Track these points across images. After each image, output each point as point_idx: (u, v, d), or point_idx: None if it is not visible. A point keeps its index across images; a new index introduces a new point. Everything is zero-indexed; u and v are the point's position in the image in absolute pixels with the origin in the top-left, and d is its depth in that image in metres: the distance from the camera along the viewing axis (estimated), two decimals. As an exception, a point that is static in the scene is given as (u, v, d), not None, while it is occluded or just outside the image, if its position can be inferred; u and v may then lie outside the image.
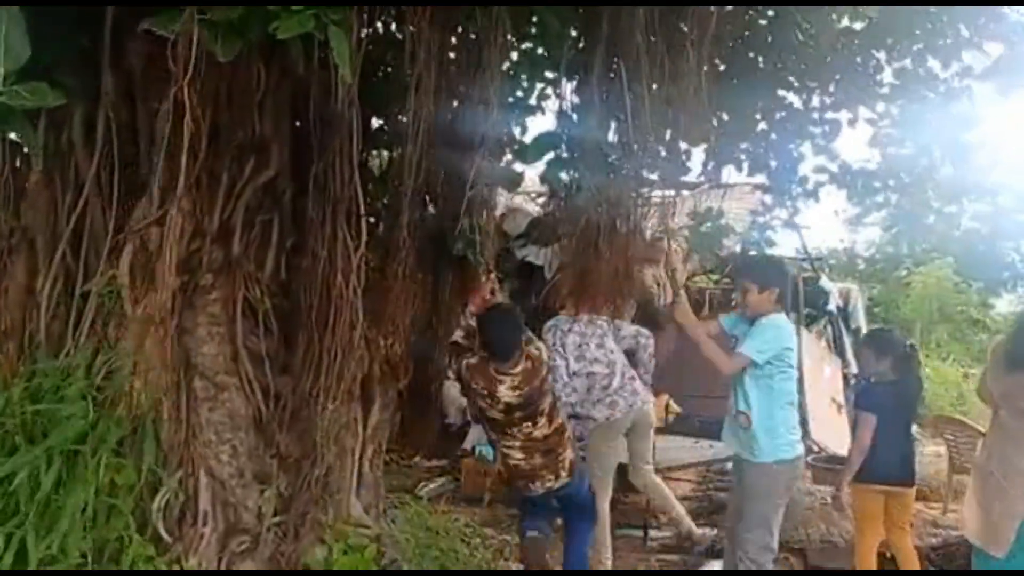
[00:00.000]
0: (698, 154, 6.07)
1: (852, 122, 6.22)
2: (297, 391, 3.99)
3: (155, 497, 3.59)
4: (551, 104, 5.53)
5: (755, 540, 4.07)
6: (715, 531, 5.76)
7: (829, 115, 6.12)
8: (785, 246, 11.43)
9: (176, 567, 3.47)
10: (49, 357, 3.65)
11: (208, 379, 3.82)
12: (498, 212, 7.41)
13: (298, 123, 4.26)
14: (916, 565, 4.56)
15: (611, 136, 5.27)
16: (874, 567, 4.52)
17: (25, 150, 4.07)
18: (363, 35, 3.84)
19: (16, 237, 3.87)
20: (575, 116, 5.39)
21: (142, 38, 3.46)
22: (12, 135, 4.03)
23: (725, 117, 6.04)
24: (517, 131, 6.12)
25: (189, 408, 3.80)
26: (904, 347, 4.77)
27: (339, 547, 3.77)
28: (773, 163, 6.30)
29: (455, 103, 5.17)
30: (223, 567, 3.60)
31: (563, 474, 4.02)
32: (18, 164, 4.04)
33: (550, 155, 5.52)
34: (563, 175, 5.45)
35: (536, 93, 5.93)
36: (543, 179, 5.55)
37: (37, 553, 3.20)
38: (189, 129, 3.35)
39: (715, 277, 11.22)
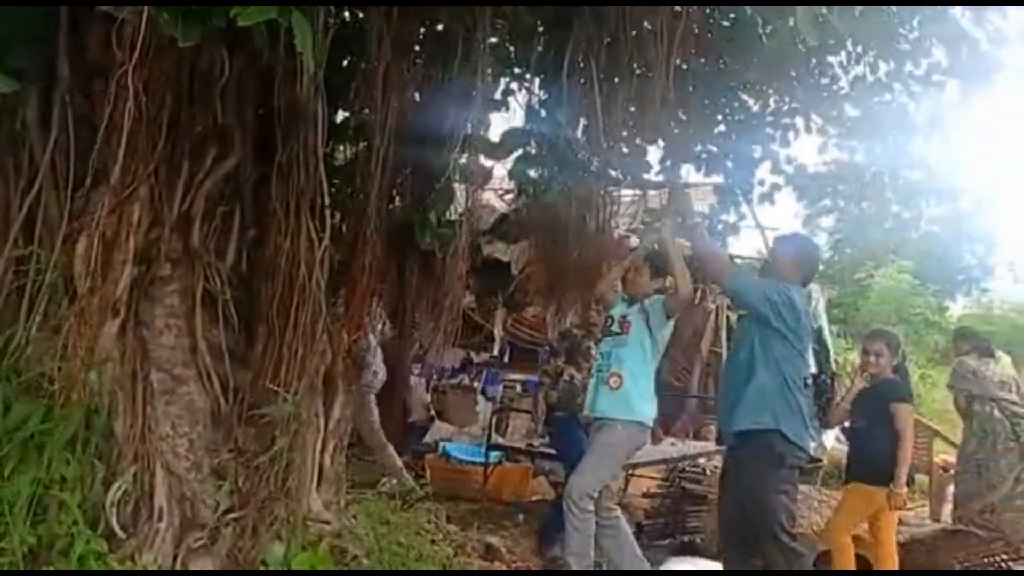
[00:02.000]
0: (656, 153, 6.09)
1: (808, 128, 6.28)
2: (257, 385, 3.92)
3: (108, 492, 3.50)
4: (520, 99, 5.50)
5: (584, 485, 4.46)
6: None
7: (786, 120, 6.17)
8: (745, 246, 11.56)
9: (129, 564, 3.38)
10: (-1, 346, 3.54)
11: (166, 372, 3.74)
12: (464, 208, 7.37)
13: (262, 112, 4.18)
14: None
15: (579, 134, 5.27)
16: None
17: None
18: (328, 24, 3.78)
19: (-32, 223, 3.75)
20: (543, 112, 5.38)
21: (99, 21, 3.38)
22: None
23: (683, 116, 6.06)
24: (484, 127, 6.09)
25: (145, 401, 3.71)
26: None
27: (297, 543, 3.71)
28: (730, 164, 6.34)
29: (422, 97, 5.13)
30: (179, 563, 3.52)
31: None
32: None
33: (518, 152, 5.51)
34: (531, 172, 5.44)
35: (501, 88, 5.89)
36: (511, 175, 5.52)
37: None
38: (131, 115, 3.28)
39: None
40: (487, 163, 6.00)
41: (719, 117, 6.06)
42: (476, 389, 9.17)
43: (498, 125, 5.64)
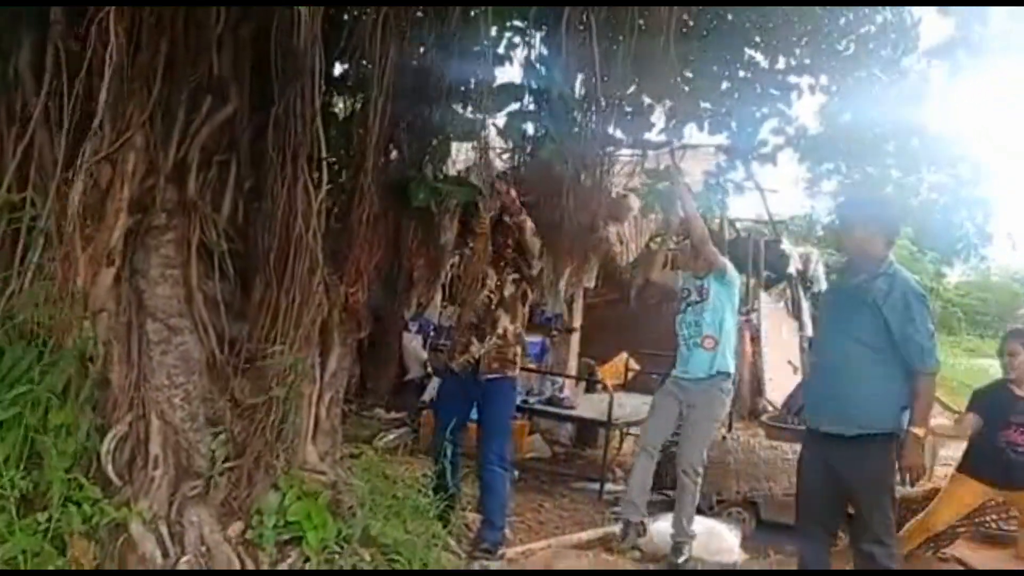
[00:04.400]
0: (661, 112, 6.01)
1: (812, 88, 6.19)
2: (253, 336, 3.91)
3: (104, 440, 3.50)
4: (519, 54, 5.43)
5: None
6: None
7: (792, 78, 6.07)
8: (745, 209, 11.51)
9: (124, 510, 3.40)
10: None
11: (161, 322, 3.72)
12: (462, 164, 7.32)
13: (259, 62, 4.12)
14: None
15: (578, 90, 5.21)
16: None
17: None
18: (326, -29, 3.72)
19: (-42, 169, 3.72)
20: (542, 68, 5.31)
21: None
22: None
23: (689, 74, 5.98)
24: (483, 82, 6.02)
25: (141, 351, 3.70)
26: None
27: (293, 493, 3.73)
28: (734, 124, 6.25)
29: (421, 50, 5.07)
30: (174, 511, 3.53)
31: None
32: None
33: (513, 106, 5.45)
34: (528, 128, 5.38)
35: (504, 43, 5.82)
36: (504, 131, 5.46)
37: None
38: (117, 60, 3.25)
39: (675, 239, 11.27)
40: (480, 118, 5.95)
41: (726, 74, 5.96)
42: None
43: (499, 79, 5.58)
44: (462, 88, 5.91)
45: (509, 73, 5.60)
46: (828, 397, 3.81)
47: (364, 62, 4.93)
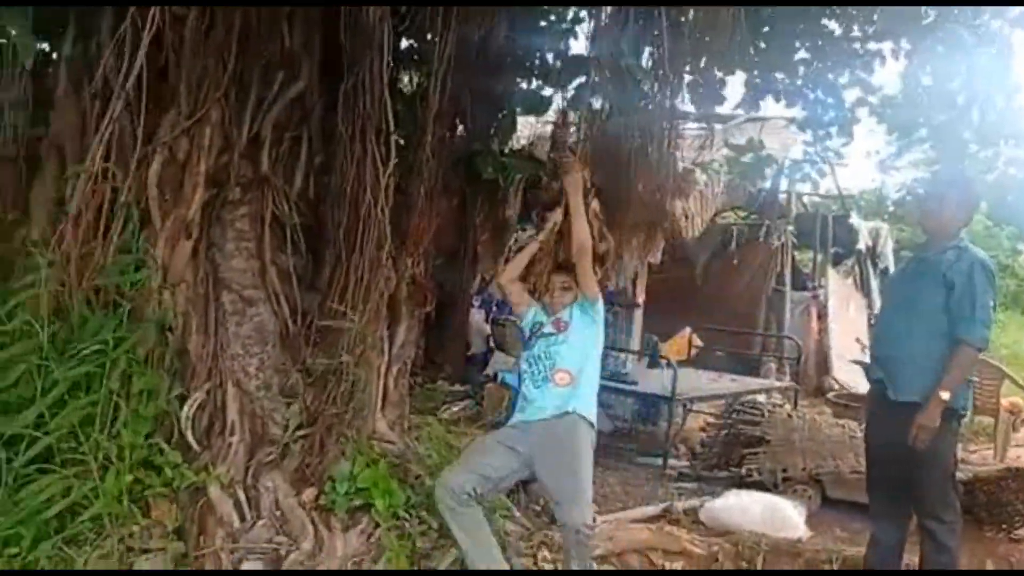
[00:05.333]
0: (733, 85, 5.92)
1: (895, 53, 6.00)
2: (324, 307, 4.00)
3: (183, 406, 3.63)
4: (585, 27, 5.40)
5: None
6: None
7: (871, 45, 5.89)
8: (812, 183, 11.27)
9: (203, 475, 3.52)
10: (78, 267, 3.66)
11: (236, 293, 3.84)
12: (527, 139, 7.33)
13: (328, 38, 4.18)
14: None
15: (645, 62, 5.16)
16: None
17: (55, 59, 4.06)
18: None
19: (45, 146, 3.86)
20: (608, 41, 5.27)
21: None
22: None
23: (763, 45, 5.86)
24: (550, 56, 6.02)
25: (217, 321, 3.82)
26: None
27: (362, 461, 3.81)
28: (811, 95, 6.09)
29: (487, 25, 5.08)
30: (250, 476, 3.65)
31: None
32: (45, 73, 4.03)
33: (580, 80, 5.43)
34: (594, 101, 5.35)
35: (571, 16, 5.79)
36: (571, 104, 5.45)
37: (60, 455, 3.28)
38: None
39: (743, 213, 11.14)
40: (549, 92, 5.95)
41: (799, 45, 5.82)
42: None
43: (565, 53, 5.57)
44: (527, 63, 5.93)
45: (575, 47, 5.59)
46: (892, 365, 3.76)
47: (430, 37, 4.97)
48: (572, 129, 5.43)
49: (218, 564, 3.30)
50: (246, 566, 3.33)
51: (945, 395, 3.52)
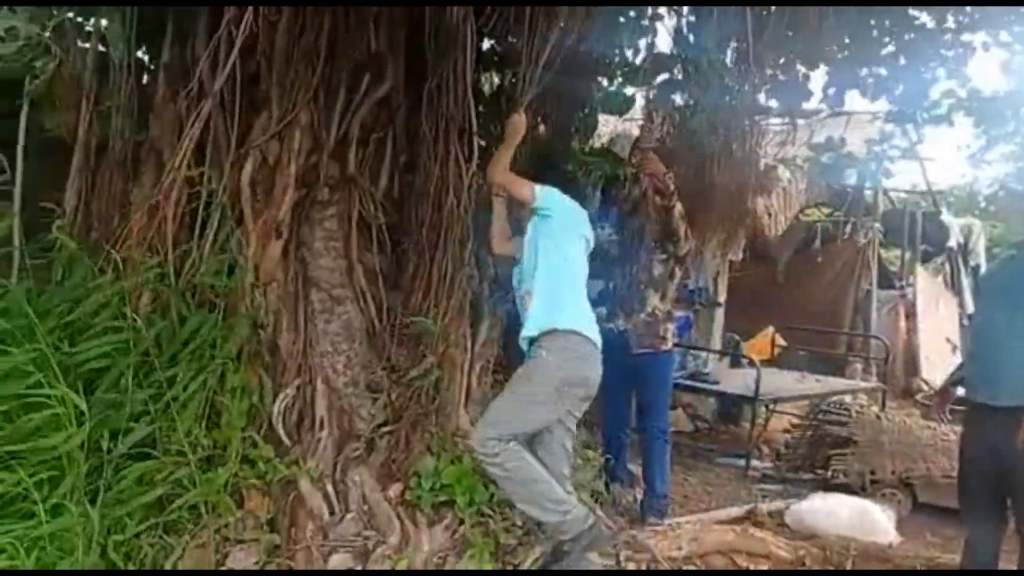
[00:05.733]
0: (817, 80, 5.78)
1: (987, 46, 5.78)
2: (408, 306, 4.07)
3: (275, 402, 3.73)
4: (667, 24, 5.35)
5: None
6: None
7: (965, 36, 5.67)
8: (901, 179, 10.96)
9: (295, 468, 3.61)
10: (174, 266, 3.79)
11: (325, 292, 3.93)
12: (607, 137, 7.31)
13: (413, 40, 4.24)
14: None
15: (728, 58, 5.10)
16: None
17: (153, 66, 4.22)
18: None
19: (144, 150, 4.01)
20: (691, 37, 5.23)
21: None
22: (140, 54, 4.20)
23: (847, 39, 5.71)
24: (629, 53, 5.98)
25: (307, 319, 3.92)
26: None
27: (447, 457, 3.85)
28: (899, 89, 5.90)
29: (568, 23, 5.07)
30: (339, 471, 3.73)
31: None
32: (145, 80, 4.19)
33: (663, 77, 5.39)
34: (676, 98, 5.31)
35: (650, 13, 5.74)
36: (654, 102, 5.41)
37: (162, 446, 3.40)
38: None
39: (827, 210, 10.88)
40: (631, 91, 5.91)
41: (887, 39, 5.64)
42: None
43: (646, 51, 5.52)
44: (607, 61, 5.90)
45: (657, 44, 5.55)
46: (993, 368, 3.60)
47: (511, 39, 5.00)
48: (655, 125, 5.40)
49: (309, 557, 3.38)
50: (335, 559, 3.40)
51: None
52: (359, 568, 3.40)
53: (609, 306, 5.01)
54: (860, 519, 4.67)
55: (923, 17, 5.65)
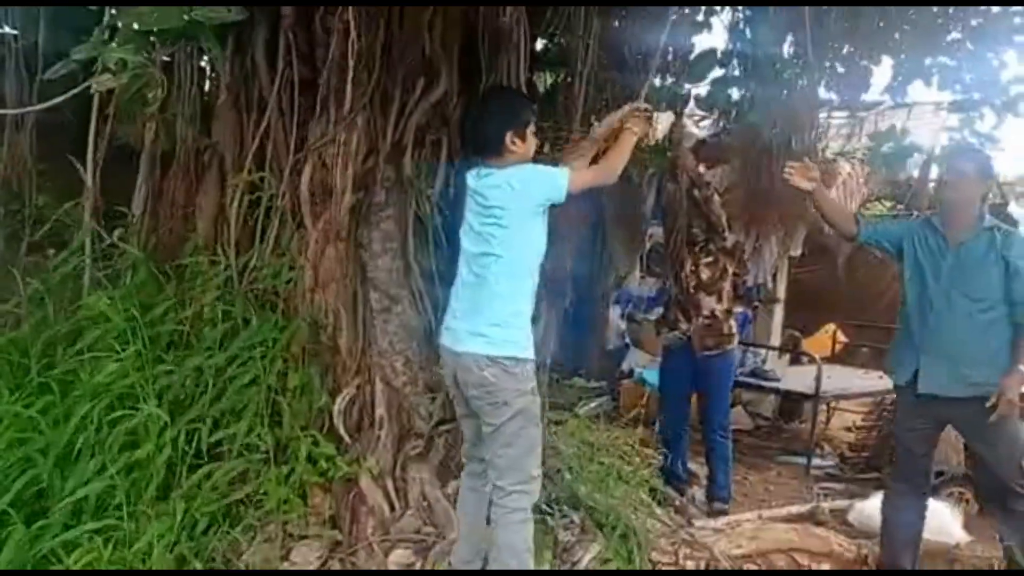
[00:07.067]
0: (880, 72, 5.66)
1: (1057, 27, 5.58)
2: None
3: (335, 401, 3.80)
4: (723, 18, 5.30)
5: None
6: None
7: (1037, 17, 5.47)
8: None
9: (355, 466, 3.67)
10: (237, 269, 3.90)
11: (382, 292, 3.99)
12: (662, 134, 7.26)
13: (467, 42, 4.27)
14: None
15: (786, 52, 5.03)
16: None
17: (214, 74, 4.33)
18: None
19: (208, 155, 4.12)
20: (748, 30, 5.17)
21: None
22: (202, 63, 4.31)
23: (907, 27, 5.58)
24: (682, 50, 5.93)
25: (365, 319, 3.98)
26: None
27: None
28: (967, 77, 5.73)
29: (622, 20, 5.07)
30: (398, 469, 3.79)
31: None
32: (207, 87, 4.30)
33: (716, 73, 5.34)
34: (733, 92, 5.25)
35: (703, 8, 5.69)
36: (708, 98, 5.36)
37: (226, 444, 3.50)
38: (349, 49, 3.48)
39: (888, 204, 10.64)
40: (686, 87, 5.87)
41: (950, 26, 5.50)
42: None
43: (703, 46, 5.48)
44: (662, 57, 5.86)
45: (709, 39, 5.50)
46: (948, 357, 3.62)
47: (562, 40, 5.01)
48: (707, 122, 5.36)
49: (370, 552, 3.44)
50: (395, 555, 3.46)
51: None
52: (418, 566, 3.45)
53: (670, 311, 5.08)
54: (928, 518, 4.58)
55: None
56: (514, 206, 2.98)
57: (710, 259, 4.95)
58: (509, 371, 2.96)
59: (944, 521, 4.53)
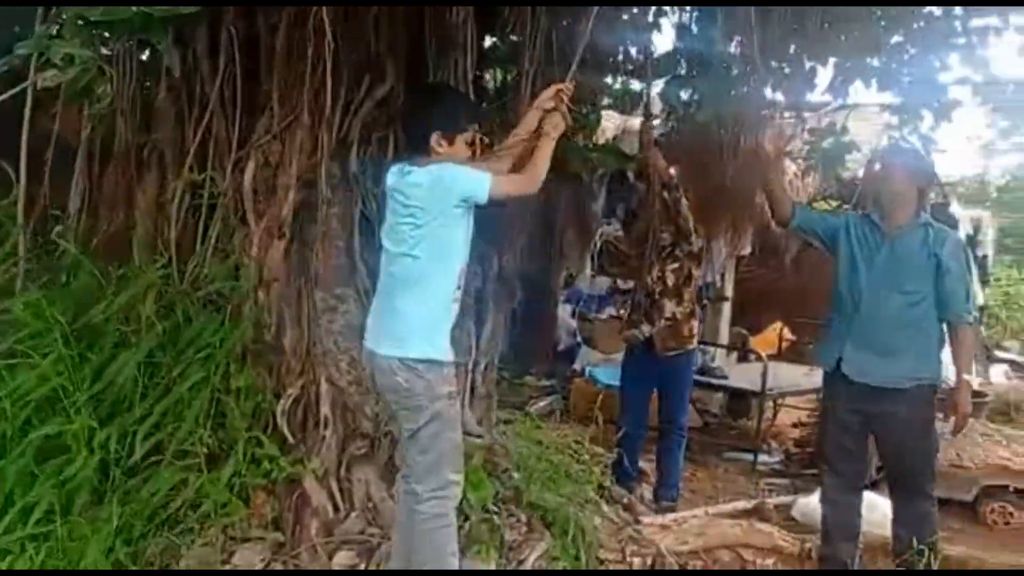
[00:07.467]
0: (824, 72, 5.74)
1: (999, 31, 5.70)
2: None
3: (279, 401, 3.74)
4: (672, 18, 5.33)
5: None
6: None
7: (974, 22, 5.60)
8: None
9: (299, 467, 3.62)
10: (178, 267, 3.82)
11: (327, 291, 3.93)
12: (612, 133, 7.30)
13: (414, 39, 4.24)
14: None
15: (734, 51, 5.07)
16: None
17: (155, 65, 4.23)
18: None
19: (147, 151, 4.03)
20: (696, 30, 5.20)
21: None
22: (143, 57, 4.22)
23: (856, 32, 5.67)
24: (634, 49, 5.96)
25: (310, 318, 3.92)
26: None
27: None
28: (907, 79, 5.84)
29: (571, 20, 5.06)
30: (343, 469, 3.74)
31: None
32: (147, 81, 4.21)
33: (668, 74, 5.37)
34: (682, 93, 5.29)
35: (653, 10, 5.72)
36: (661, 98, 5.39)
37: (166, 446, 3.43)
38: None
39: (834, 203, 10.83)
40: (637, 87, 5.90)
41: (893, 27, 5.59)
42: (622, 317, 9.17)
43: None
44: (610, 58, 5.89)
45: (659, 39, 5.53)
46: (876, 350, 3.73)
47: (514, 37, 4.99)
48: (658, 122, 5.38)
49: (313, 555, 3.40)
50: (339, 557, 3.42)
51: (969, 378, 3.65)
52: (362, 567, 3.41)
53: (634, 313, 5.12)
54: (867, 512, 4.65)
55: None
56: (432, 207, 2.93)
57: (676, 265, 5.01)
58: (422, 375, 2.94)
59: (885, 515, 4.61)
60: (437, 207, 2.93)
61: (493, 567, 3.46)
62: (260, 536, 3.44)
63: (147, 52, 4.25)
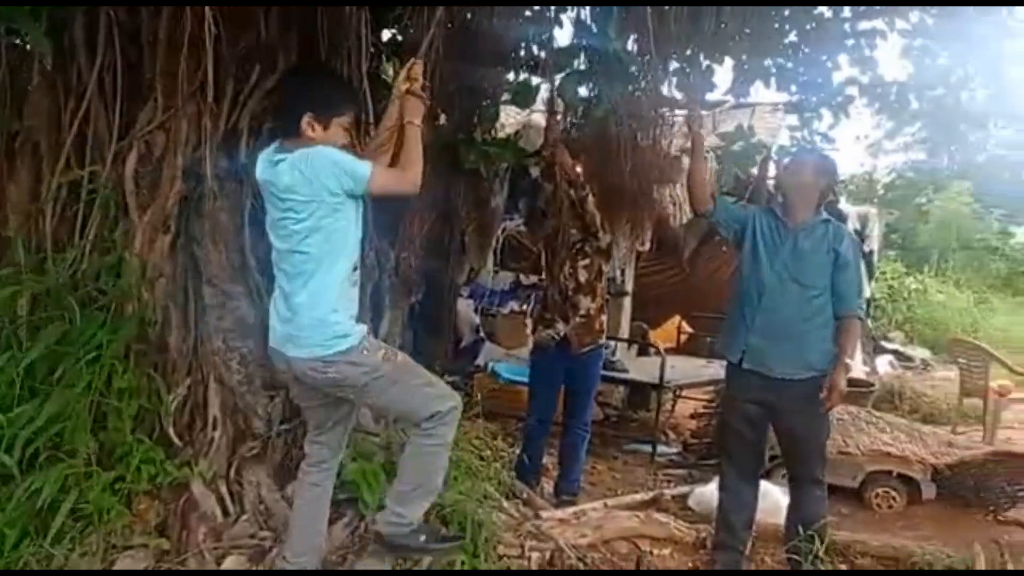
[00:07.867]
0: (721, 71, 5.86)
1: (883, 34, 5.93)
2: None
3: (164, 402, 3.60)
4: (570, 14, 5.35)
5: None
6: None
7: (863, 24, 5.81)
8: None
9: (186, 470, 3.50)
10: (56, 262, 3.63)
11: (216, 287, 3.79)
12: (512, 128, 7.29)
13: (306, 28, 4.13)
14: None
15: (631, 48, 5.12)
16: None
17: (28, 49, 4.00)
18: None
19: (20, 140, 3.81)
20: (594, 27, 5.23)
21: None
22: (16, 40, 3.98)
23: (748, 31, 5.81)
24: (535, 45, 5.96)
25: (197, 316, 3.79)
26: None
27: (348, 454, 3.78)
28: (801, 78, 6.03)
29: (469, 14, 5.03)
30: (233, 471, 3.63)
31: None
32: (19, 66, 3.97)
33: (567, 69, 5.38)
34: (581, 89, 5.31)
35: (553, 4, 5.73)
36: (559, 93, 5.40)
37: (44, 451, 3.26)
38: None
39: (731, 199, 11.09)
40: (535, 81, 5.91)
41: (788, 28, 5.75)
42: (526, 312, 9.19)
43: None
44: (511, 52, 5.88)
45: (563, 34, 5.55)
46: (779, 341, 3.84)
47: (411, 30, 4.92)
48: (559, 117, 5.39)
49: (201, 560, 3.28)
50: (229, 561, 3.31)
51: (850, 362, 3.77)
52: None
53: (547, 311, 5.10)
54: (761, 500, 4.77)
55: (821, 7, 5.77)
56: (309, 195, 2.83)
57: (587, 261, 5.03)
58: (352, 361, 2.92)
59: (776, 502, 4.74)
60: (315, 196, 2.82)
61: (388, 568, 3.39)
62: (143, 543, 3.30)
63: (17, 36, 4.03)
